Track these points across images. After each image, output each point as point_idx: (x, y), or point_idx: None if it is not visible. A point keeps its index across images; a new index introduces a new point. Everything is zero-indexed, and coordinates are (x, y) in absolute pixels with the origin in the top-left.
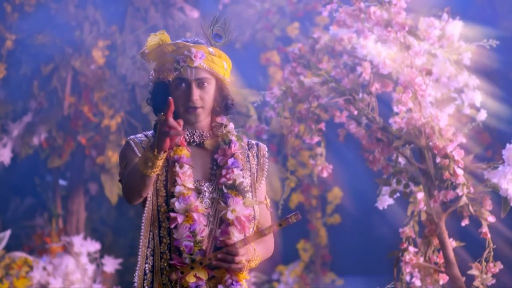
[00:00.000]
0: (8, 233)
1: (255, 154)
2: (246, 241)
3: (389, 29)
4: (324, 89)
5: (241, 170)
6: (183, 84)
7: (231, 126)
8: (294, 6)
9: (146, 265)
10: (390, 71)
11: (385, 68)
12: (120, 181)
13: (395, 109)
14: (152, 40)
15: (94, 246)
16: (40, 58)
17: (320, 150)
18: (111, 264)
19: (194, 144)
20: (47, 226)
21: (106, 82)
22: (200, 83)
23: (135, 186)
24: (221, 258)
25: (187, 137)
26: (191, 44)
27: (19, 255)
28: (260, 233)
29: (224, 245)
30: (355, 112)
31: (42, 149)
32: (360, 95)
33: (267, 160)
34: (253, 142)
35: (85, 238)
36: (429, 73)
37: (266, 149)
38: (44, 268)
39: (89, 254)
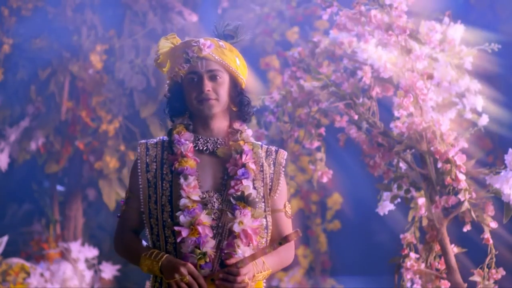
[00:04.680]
0: (5, 239)
1: (271, 162)
2: (247, 260)
3: (390, 32)
4: (324, 93)
5: (253, 180)
6: (195, 79)
7: (247, 132)
8: (294, 11)
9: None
10: (391, 75)
11: (386, 72)
12: (118, 216)
13: (396, 113)
14: (164, 44)
15: (92, 252)
16: (37, 63)
17: (320, 155)
18: (109, 271)
19: (207, 152)
20: (45, 232)
21: (104, 87)
22: (212, 76)
23: (129, 261)
24: (222, 278)
25: (200, 145)
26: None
27: (16, 261)
28: (262, 251)
29: (228, 258)
30: (356, 117)
31: (39, 155)
32: (361, 99)
33: (283, 168)
34: (273, 148)
35: (83, 244)
36: (430, 77)
37: (285, 156)
38: (42, 275)
39: (87, 260)
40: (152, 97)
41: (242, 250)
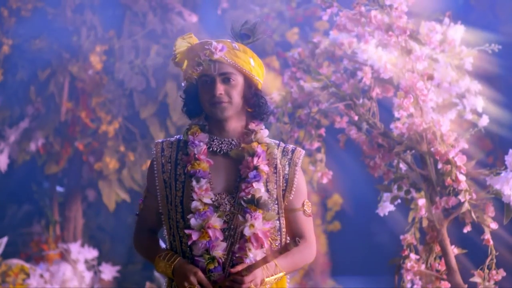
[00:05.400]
0: (5, 240)
1: (287, 163)
2: (252, 268)
3: (390, 33)
4: (324, 94)
5: (266, 182)
6: (208, 81)
7: (262, 133)
8: (294, 11)
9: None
10: (391, 76)
11: (386, 73)
12: (137, 214)
13: (396, 114)
14: (181, 44)
15: (91, 253)
16: (37, 63)
17: (320, 156)
18: (108, 272)
19: (221, 153)
20: (44, 233)
21: (103, 88)
22: (225, 79)
23: (147, 260)
24: (228, 286)
25: (214, 146)
26: (213, 40)
27: (16, 262)
28: (264, 259)
29: (239, 262)
30: (356, 118)
31: (39, 155)
32: (361, 100)
33: (297, 169)
34: (290, 148)
35: (82, 245)
36: (430, 78)
37: (302, 155)
38: (41, 276)
39: (86, 261)
40: (152, 97)
41: (254, 254)
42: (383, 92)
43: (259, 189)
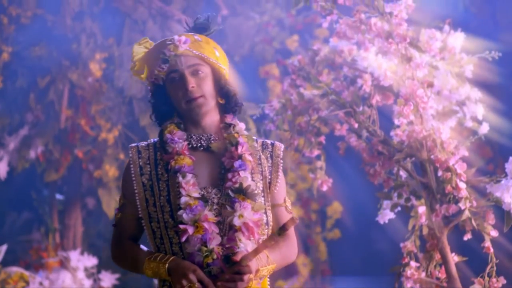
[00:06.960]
0: (4, 247)
1: (269, 155)
2: (251, 256)
3: (390, 40)
4: (324, 101)
5: (251, 172)
6: (177, 77)
7: (240, 126)
8: (294, 19)
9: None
10: (391, 83)
11: (386, 80)
12: (114, 225)
13: (396, 121)
14: (138, 50)
15: (91, 261)
16: (36, 71)
17: (320, 163)
18: (108, 280)
19: (201, 149)
20: (44, 241)
21: (103, 95)
22: (194, 71)
23: (129, 269)
24: (228, 279)
25: (193, 142)
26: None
27: (15, 270)
28: (264, 244)
29: (229, 253)
30: (356, 125)
31: (38, 163)
32: (361, 107)
33: (281, 160)
34: (269, 142)
35: (82, 253)
36: (430, 85)
37: (282, 148)
38: (41, 283)
39: (86, 269)
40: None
41: (244, 244)
42: (383, 100)
43: (246, 177)
